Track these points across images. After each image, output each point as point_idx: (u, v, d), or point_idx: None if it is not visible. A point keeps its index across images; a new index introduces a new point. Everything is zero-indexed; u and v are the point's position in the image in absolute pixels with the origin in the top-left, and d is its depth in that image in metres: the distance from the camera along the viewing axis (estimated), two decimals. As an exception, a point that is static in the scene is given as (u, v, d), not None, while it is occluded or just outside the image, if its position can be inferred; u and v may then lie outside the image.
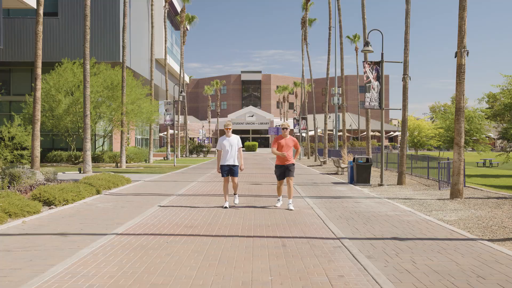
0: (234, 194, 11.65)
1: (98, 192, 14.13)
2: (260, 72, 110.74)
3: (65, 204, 11.79)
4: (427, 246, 7.22)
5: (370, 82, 17.62)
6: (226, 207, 11.03)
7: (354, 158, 18.69)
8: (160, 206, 11.57)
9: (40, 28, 18.31)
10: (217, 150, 11.26)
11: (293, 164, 11.17)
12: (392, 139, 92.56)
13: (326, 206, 11.80)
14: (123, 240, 7.51)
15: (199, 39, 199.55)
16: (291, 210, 10.85)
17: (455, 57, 13.17)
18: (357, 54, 67.76)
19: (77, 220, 9.50)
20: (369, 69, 17.56)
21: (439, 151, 65.29)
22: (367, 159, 18.69)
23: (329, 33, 37.79)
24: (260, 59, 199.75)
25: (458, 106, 13.21)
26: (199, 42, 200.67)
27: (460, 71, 13.06)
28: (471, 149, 45.18)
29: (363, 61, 17.70)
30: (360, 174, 18.22)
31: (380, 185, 17.68)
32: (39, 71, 18.19)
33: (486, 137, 40.77)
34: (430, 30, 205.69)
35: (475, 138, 40.41)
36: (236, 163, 11.15)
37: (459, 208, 11.43)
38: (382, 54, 17.69)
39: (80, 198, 12.67)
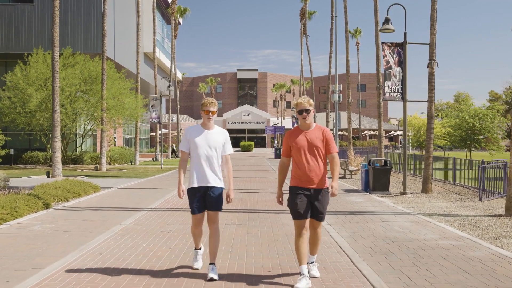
0: (210, 263, 5.47)
1: (46, 207, 10.90)
2: (256, 70, 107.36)
3: (-11, 226, 8.60)
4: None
5: (390, 68, 14.43)
6: (196, 269, 5.81)
7: (369, 161, 15.53)
8: (116, 232, 8.36)
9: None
10: (181, 152, 5.71)
11: (326, 190, 5.33)
12: (392, 139, 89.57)
13: (346, 228, 8.61)
14: (14, 312, 4.32)
15: (194, 38, 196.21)
16: (312, 278, 5.40)
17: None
18: (358, 50, 64.77)
19: (-21, 259, 6.29)
20: (389, 52, 14.38)
21: (444, 151, 62.38)
22: (385, 161, 15.55)
23: (332, 22, 34.61)
24: (256, 59, 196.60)
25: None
26: (195, 41, 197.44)
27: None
28: (474, 149, 42.40)
29: (382, 43, 14.52)
30: (377, 180, 15.05)
31: (403, 193, 14.52)
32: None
33: (501, 137, 37.78)
34: (425, 31, 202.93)
35: (484, 136, 37.54)
36: (221, 184, 5.55)
37: (534, 233, 8.27)
38: (405, 34, 14.50)
39: (15, 216, 9.43)
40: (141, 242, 7.36)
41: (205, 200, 5.51)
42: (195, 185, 5.49)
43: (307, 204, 5.26)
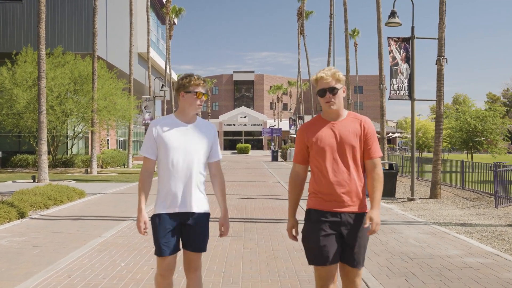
0: None
1: (22, 216, 9.87)
2: (253, 72, 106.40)
3: (-50, 240, 7.57)
4: None
5: (397, 64, 13.47)
6: None
7: (374, 164, 14.54)
8: (94, 245, 7.34)
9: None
10: (145, 160, 3.51)
11: (363, 216, 3.25)
12: (389, 141, 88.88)
13: (355, 242, 7.60)
14: None
15: (191, 40, 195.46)
16: None
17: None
18: (356, 51, 63.94)
19: None
20: (396, 48, 13.42)
21: (443, 153, 61.65)
22: (391, 165, 14.58)
23: (330, 21, 33.78)
24: (253, 61, 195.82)
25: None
26: (191, 43, 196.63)
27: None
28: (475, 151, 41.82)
29: (388, 37, 13.57)
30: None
31: (411, 199, 13.55)
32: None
33: (503, 139, 36.87)
34: (425, 28, 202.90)
35: (486, 139, 36.67)
36: (206, 208, 3.52)
37: None
38: (412, 28, 13.57)
39: (-18, 228, 8.42)
40: (120, 260, 6.35)
41: (181, 233, 3.47)
42: (166, 211, 3.41)
43: (336, 239, 3.16)
